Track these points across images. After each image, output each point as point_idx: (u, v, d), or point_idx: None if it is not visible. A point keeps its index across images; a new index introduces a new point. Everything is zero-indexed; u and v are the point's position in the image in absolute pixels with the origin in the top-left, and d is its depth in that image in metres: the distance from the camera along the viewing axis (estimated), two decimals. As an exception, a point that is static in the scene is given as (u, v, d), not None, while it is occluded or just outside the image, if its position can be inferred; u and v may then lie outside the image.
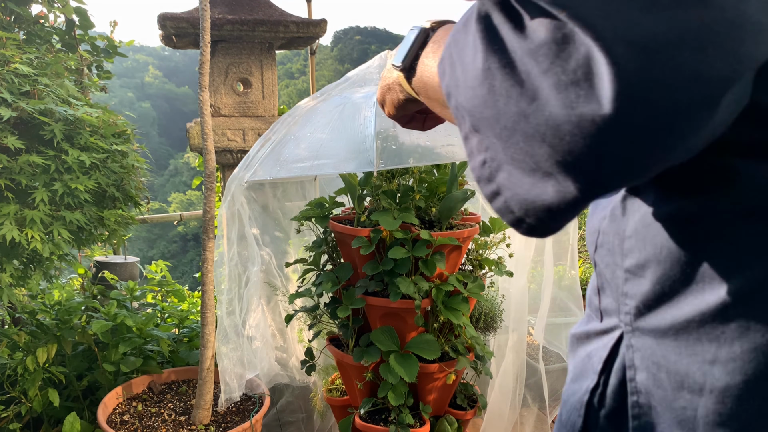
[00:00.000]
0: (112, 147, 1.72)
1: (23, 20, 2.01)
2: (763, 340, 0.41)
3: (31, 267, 1.90)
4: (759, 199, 0.42)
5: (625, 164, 0.37)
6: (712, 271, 0.45)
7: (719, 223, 0.44)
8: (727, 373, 0.43)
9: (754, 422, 0.43)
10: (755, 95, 0.39)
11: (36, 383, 1.77)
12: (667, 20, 0.32)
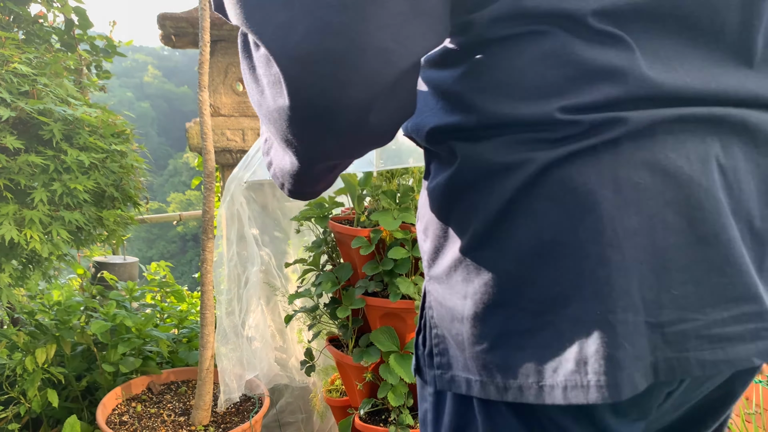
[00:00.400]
0: (112, 147, 1.71)
1: (22, 20, 2.01)
2: (488, 277, 0.55)
3: (30, 267, 1.89)
4: (472, 173, 0.56)
5: (314, 143, 0.52)
6: (455, 229, 0.59)
7: (454, 192, 0.58)
8: (473, 304, 0.56)
9: (498, 339, 0.55)
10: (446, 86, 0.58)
11: (35, 384, 1.77)
12: (314, 43, 0.44)
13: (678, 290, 0.50)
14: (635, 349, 0.49)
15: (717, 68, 0.53)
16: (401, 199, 1.72)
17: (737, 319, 0.51)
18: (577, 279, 0.50)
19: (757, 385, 1.82)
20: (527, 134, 0.52)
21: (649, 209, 0.50)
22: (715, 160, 0.52)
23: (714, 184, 0.51)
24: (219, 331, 1.87)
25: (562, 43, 0.51)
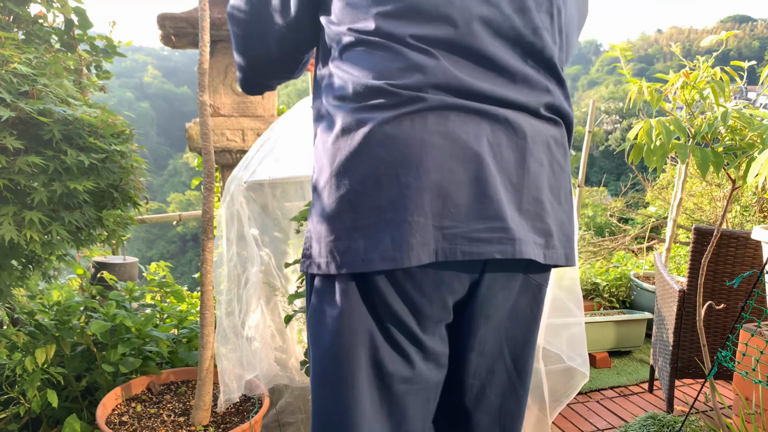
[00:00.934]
0: (111, 147, 1.71)
1: (22, 20, 2.01)
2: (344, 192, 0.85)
3: (29, 267, 1.89)
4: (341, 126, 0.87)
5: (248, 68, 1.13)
6: (329, 160, 0.89)
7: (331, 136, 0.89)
8: (333, 210, 0.86)
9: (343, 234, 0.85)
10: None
11: (35, 384, 1.76)
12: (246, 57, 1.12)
13: (453, 209, 0.82)
14: (423, 239, 0.81)
15: (493, 80, 0.85)
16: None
17: (487, 230, 0.83)
18: (394, 196, 0.80)
19: (756, 386, 1.82)
20: (365, 101, 0.83)
21: (439, 159, 0.81)
22: (485, 136, 0.84)
23: (483, 149, 0.83)
24: (219, 331, 1.87)
25: (398, 49, 0.84)
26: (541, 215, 0.88)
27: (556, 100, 0.91)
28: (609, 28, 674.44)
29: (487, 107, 0.84)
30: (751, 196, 5.02)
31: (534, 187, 0.87)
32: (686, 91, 1.71)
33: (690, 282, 2.26)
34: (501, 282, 0.91)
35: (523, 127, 0.86)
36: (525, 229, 0.86)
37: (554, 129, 0.92)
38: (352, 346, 0.86)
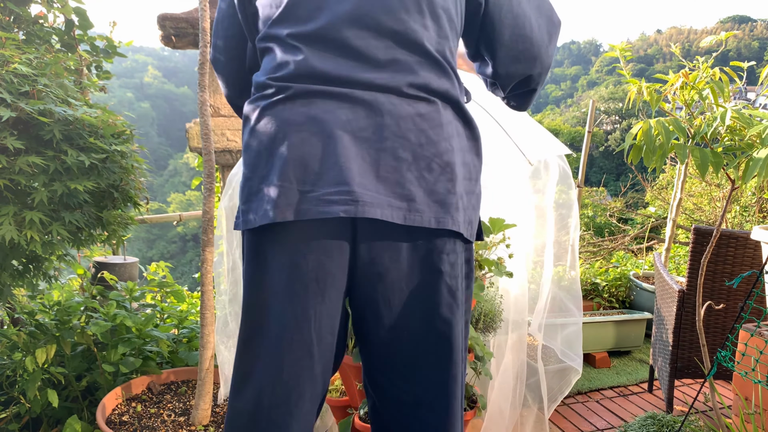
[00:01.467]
0: (112, 147, 1.71)
1: (22, 20, 2.01)
2: (246, 162, 1.07)
3: (30, 267, 1.89)
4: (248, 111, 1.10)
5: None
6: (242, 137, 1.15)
7: (245, 118, 1.11)
8: (242, 178, 1.07)
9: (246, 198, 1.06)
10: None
11: (35, 384, 1.77)
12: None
13: (312, 176, 0.98)
14: (288, 200, 0.98)
15: (356, 67, 1.00)
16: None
17: (336, 194, 0.96)
18: (271, 166, 1.00)
19: (756, 386, 1.82)
20: (259, 93, 1.06)
21: (302, 135, 0.99)
22: (344, 115, 0.99)
23: (339, 126, 0.98)
24: (219, 331, 1.87)
25: (276, 49, 1.05)
26: (401, 182, 0.99)
27: (423, 79, 1.01)
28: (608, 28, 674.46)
29: (348, 90, 0.99)
30: (751, 196, 5.02)
31: (392, 157, 0.99)
32: (686, 92, 1.72)
33: (689, 282, 2.26)
34: (383, 244, 1.02)
35: (383, 105, 0.99)
36: (381, 193, 0.98)
37: (423, 106, 1.01)
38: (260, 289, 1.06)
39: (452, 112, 1.06)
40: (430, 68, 1.03)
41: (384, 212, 0.98)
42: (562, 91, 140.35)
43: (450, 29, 1.07)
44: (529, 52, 1.16)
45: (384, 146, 0.99)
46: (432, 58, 1.03)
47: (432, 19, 1.04)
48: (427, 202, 1.00)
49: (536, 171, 2.14)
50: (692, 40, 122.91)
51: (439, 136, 1.02)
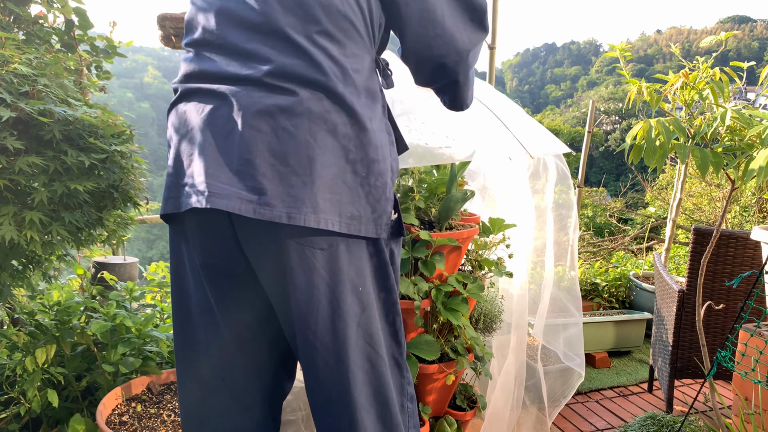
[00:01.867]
0: (112, 147, 1.71)
1: (22, 20, 2.01)
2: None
3: (30, 267, 1.89)
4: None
5: None
6: None
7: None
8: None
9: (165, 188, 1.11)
10: None
11: (35, 384, 1.77)
12: None
13: (183, 170, 1.04)
14: (171, 193, 1.06)
15: (226, 63, 1.02)
16: (401, 200, 1.72)
17: (191, 186, 1.01)
18: (176, 158, 1.07)
19: (756, 386, 1.82)
20: (175, 94, 1.11)
21: (181, 132, 1.06)
22: (208, 110, 1.02)
23: (202, 122, 1.02)
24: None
25: (186, 55, 1.10)
26: (253, 175, 0.97)
27: (283, 69, 0.98)
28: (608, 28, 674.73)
29: (215, 86, 1.02)
30: (751, 196, 5.02)
31: (246, 150, 0.97)
32: (686, 92, 1.72)
33: (689, 282, 2.26)
34: (257, 238, 1.02)
35: (240, 98, 0.99)
36: (234, 186, 0.98)
37: (282, 98, 0.98)
38: (176, 271, 1.16)
39: (328, 102, 0.99)
40: (294, 56, 0.99)
41: (231, 204, 0.97)
42: (561, 92, 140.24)
43: (325, 13, 1.00)
44: (441, 38, 1.11)
45: (240, 139, 0.98)
46: (295, 46, 0.99)
47: (297, 4, 1.00)
48: (280, 196, 0.97)
49: (535, 171, 2.14)
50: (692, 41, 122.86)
51: (299, 128, 0.97)
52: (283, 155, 0.97)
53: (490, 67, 2.95)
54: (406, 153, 1.60)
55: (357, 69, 1.03)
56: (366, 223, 1.02)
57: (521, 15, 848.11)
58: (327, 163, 0.98)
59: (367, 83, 1.06)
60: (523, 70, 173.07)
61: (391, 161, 1.09)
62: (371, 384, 1.08)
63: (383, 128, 1.09)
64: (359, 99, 1.02)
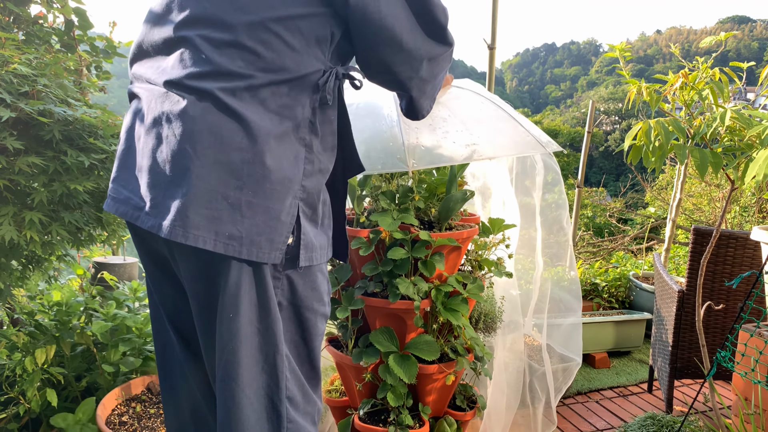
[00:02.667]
0: (112, 147, 1.71)
1: (22, 20, 2.01)
2: None
3: (30, 267, 1.89)
4: None
5: None
6: None
7: None
8: None
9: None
10: None
11: (34, 384, 1.77)
12: None
13: (115, 174, 1.04)
14: (112, 194, 1.04)
15: (147, 68, 1.03)
16: (400, 200, 1.72)
17: (116, 191, 1.03)
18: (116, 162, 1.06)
19: (756, 386, 1.82)
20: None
21: (127, 135, 1.03)
22: (132, 113, 1.03)
23: (135, 124, 1.01)
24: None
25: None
26: (143, 182, 0.95)
27: (177, 74, 0.95)
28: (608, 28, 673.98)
29: (140, 90, 1.03)
30: (750, 196, 5.03)
31: (141, 156, 0.97)
32: (685, 92, 1.72)
33: (689, 282, 2.26)
34: (178, 248, 0.97)
35: (146, 104, 0.98)
36: (132, 192, 0.99)
37: (173, 105, 0.94)
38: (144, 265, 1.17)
39: (218, 112, 0.92)
40: (194, 65, 0.94)
41: (122, 209, 0.99)
42: (561, 92, 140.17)
43: (242, 24, 0.93)
44: (397, 55, 1.04)
45: (140, 145, 0.98)
46: (198, 54, 0.94)
47: (212, 14, 0.95)
48: (159, 206, 0.92)
49: (528, 171, 2.14)
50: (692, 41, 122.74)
51: (180, 137, 0.91)
52: (165, 164, 0.92)
53: (490, 67, 2.95)
54: (436, 156, 1.60)
55: (273, 81, 0.95)
56: (248, 245, 0.92)
57: (521, 15, 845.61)
58: (204, 175, 0.90)
59: (284, 99, 0.96)
60: (523, 70, 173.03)
61: (302, 181, 0.98)
62: (227, 426, 0.98)
63: (293, 144, 0.98)
64: (260, 112, 0.93)
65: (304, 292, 1.02)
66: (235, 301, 0.94)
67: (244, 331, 0.96)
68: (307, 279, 1.02)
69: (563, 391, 2.20)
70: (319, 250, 1.03)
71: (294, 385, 1.03)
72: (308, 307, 1.03)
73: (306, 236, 0.99)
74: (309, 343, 1.05)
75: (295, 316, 1.03)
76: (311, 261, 1.00)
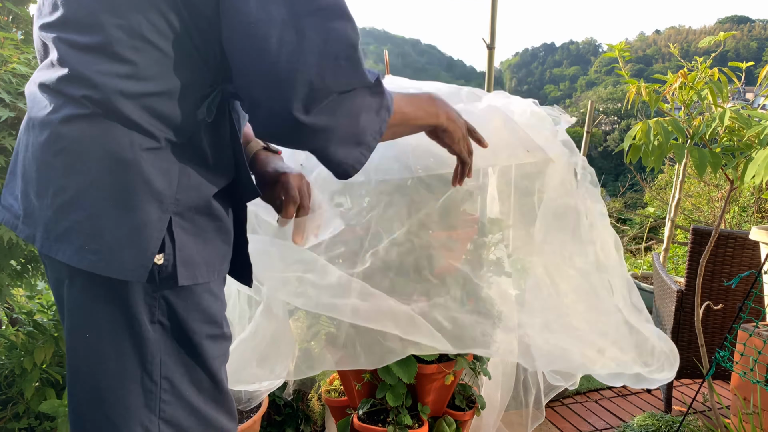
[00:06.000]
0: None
1: (21, 20, 2.01)
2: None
3: (28, 267, 1.89)
4: None
5: None
6: None
7: None
8: None
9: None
10: None
11: (33, 383, 1.76)
12: None
13: (6, 180, 0.98)
14: (2, 202, 0.98)
15: (38, 69, 0.93)
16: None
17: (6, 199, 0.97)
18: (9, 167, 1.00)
19: (754, 386, 1.83)
20: None
21: (18, 138, 0.96)
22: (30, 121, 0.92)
23: (23, 136, 0.93)
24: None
25: None
26: (22, 191, 0.92)
27: (44, 78, 0.89)
28: (607, 28, 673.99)
29: (28, 89, 0.96)
30: (749, 196, 5.03)
31: (20, 163, 0.94)
32: (684, 92, 1.72)
33: (688, 282, 2.27)
34: (47, 259, 0.94)
35: (29, 106, 0.93)
36: (15, 200, 0.95)
37: (41, 108, 0.88)
38: None
39: (79, 115, 0.86)
40: (58, 66, 0.88)
41: (8, 217, 0.96)
42: (560, 92, 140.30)
43: (114, 28, 0.85)
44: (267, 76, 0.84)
45: (18, 155, 0.96)
46: (64, 58, 0.87)
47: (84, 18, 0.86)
48: (30, 215, 0.90)
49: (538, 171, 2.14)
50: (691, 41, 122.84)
51: (44, 144, 0.87)
52: (32, 172, 0.89)
53: (489, 67, 2.95)
54: (439, 160, 1.57)
55: (145, 93, 0.86)
56: (110, 260, 0.85)
57: (520, 15, 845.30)
58: (67, 186, 0.85)
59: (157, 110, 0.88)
60: (522, 70, 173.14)
61: (177, 194, 0.89)
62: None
63: (166, 156, 0.89)
64: (128, 122, 0.86)
65: (185, 312, 0.93)
66: (93, 319, 0.88)
67: (99, 355, 0.90)
68: (189, 300, 0.93)
69: (559, 389, 2.20)
70: (205, 267, 0.94)
71: (180, 409, 0.95)
72: (193, 330, 0.95)
73: (184, 252, 0.90)
74: (203, 365, 0.97)
75: (181, 337, 0.95)
76: (194, 279, 0.92)
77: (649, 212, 6.68)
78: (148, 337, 0.89)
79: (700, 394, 2.63)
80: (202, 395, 0.98)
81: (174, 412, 0.93)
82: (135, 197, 0.85)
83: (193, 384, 0.96)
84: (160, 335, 0.91)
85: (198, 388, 0.97)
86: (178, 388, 0.94)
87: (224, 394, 1.02)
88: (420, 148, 1.54)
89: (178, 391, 0.94)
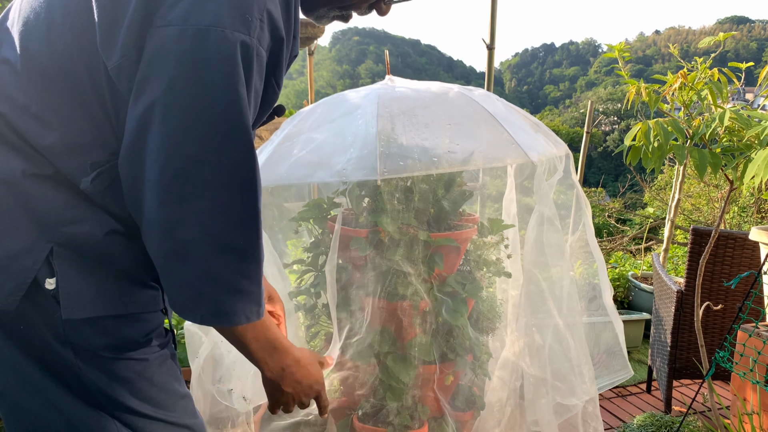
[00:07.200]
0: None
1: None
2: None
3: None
4: None
5: None
6: None
7: None
8: None
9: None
10: None
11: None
12: None
13: None
14: None
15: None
16: (399, 200, 1.72)
17: None
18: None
19: (754, 386, 1.83)
20: None
21: None
22: None
23: None
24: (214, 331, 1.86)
25: None
26: None
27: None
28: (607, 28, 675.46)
29: None
30: (749, 197, 5.03)
31: None
32: (684, 93, 1.72)
33: (688, 283, 2.27)
34: None
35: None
36: None
37: None
38: None
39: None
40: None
41: None
42: (560, 92, 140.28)
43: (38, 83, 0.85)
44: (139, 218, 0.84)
45: None
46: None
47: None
48: None
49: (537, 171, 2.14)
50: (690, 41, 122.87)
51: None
52: None
53: (489, 67, 2.96)
54: (406, 157, 1.57)
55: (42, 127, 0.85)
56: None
57: (520, 15, 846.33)
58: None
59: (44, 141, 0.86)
60: (522, 70, 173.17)
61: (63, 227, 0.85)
62: None
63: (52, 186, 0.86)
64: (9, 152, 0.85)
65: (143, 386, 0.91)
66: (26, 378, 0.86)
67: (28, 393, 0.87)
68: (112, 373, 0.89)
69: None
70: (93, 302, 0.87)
71: None
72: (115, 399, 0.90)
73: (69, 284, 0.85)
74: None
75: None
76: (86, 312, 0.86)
77: (649, 213, 6.69)
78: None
79: (700, 395, 2.63)
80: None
81: None
82: (15, 222, 0.83)
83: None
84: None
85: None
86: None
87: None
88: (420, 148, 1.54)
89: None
